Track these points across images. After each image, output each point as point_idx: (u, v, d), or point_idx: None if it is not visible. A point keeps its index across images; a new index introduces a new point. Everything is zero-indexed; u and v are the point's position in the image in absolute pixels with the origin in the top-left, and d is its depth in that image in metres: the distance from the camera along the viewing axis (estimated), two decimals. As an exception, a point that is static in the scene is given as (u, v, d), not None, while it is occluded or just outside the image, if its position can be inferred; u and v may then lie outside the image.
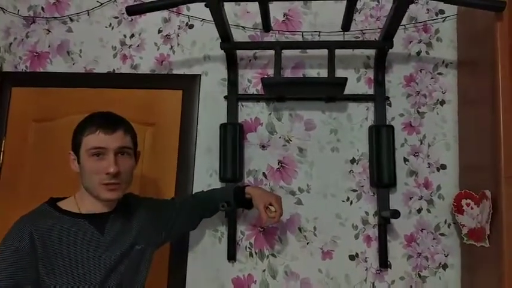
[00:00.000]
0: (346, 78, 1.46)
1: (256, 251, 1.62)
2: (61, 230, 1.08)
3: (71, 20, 1.87)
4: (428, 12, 1.70)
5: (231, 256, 1.60)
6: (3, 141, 1.78)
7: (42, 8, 1.89)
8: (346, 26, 1.46)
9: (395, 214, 1.39)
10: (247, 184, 1.60)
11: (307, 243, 1.61)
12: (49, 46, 1.86)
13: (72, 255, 1.07)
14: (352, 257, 1.58)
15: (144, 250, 1.21)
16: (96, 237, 1.11)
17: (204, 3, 1.34)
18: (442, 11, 1.69)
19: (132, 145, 1.18)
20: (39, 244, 1.03)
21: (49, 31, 1.87)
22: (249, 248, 1.62)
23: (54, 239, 1.06)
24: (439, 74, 1.66)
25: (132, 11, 1.37)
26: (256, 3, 1.63)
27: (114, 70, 1.80)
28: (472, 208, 1.42)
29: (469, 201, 1.43)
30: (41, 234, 1.04)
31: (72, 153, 1.15)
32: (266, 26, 1.49)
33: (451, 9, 1.67)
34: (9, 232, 1.05)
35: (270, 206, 1.35)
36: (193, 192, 1.65)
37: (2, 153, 1.76)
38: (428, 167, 1.61)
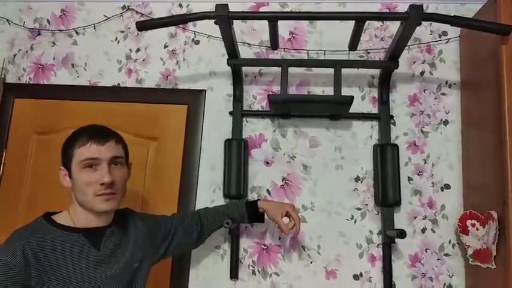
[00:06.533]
0: (352, 97, 1.47)
1: (259, 269, 1.60)
2: (56, 244, 1.05)
3: (77, 33, 1.87)
4: (431, 34, 1.73)
5: (234, 274, 1.57)
6: (4, 152, 1.76)
7: (48, 21, 1.90)
8: (353, 46, 1.48)
9: (402, 234, 1.38)
10: (256, 199, 1.60)
11: (311, 262, 1.59)
12: (54, 58, 1.86)
13: (66, 271, 1.04)
14: (356, 277, 1.57)
15: (140, 267, 1.19)
16: (91, 253, 1.08)
17: (214, 20, 1.35)
18: (445, 33, 1.72)
19: (124, 154, 1.16)
20: (33, 260, 1.00)
21: (54, 43, 1.87)
22: (252, 266, 1.60)
23: (48, 254, 1.03)
24: (443, 94, 1.68)
25: (142, 26, 1.37)
26: (262, 21, 1.66)
27: (119, 84, 1.80)
28: (477, 229, 1.41)
29: (474, 221, 1.43)
30: (34, 249, 1.01)
31: (63, 168, 1.12)
32: (274, 44, 1.50)
33: (454, 32, 1.70)
34: (3, 247, 1.02)
35: (285, 217, 1.37)
36: (195, 208, 1.64)
37: (2, 164, 1.74)
38: (432, 186, 1.61)
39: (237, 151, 1.61)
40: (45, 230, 1.07)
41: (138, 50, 1.83)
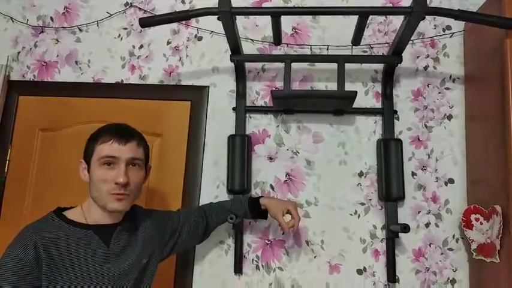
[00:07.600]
0: (356, 92, 1.47)
1: (263, 264, 1.61)
2: (67, 240, 1.07)
3: (80, 30, 1.88)
4: (435, 28, 1.72)
5: (238, 269, 1.58)
6: (9, 149, 1.77)
7: (51, 18, 1.90)
8: (356, 41, 1.47)
9: (406, 229, 1.39)
10: (259, 195, 1.61)
11: (315, 257, 1.60)
12: (57, 56, 1.86)
13: (77, 266, 1.05)
14: (359, 271, 1.57)
15: (148, 263, 1.20)
16: (101, 249, 1.10)
17: (217, 16, 1.35)
18: (449, 27, 1.71)
19: (144, 157, 1.18)
20: (44, 255, 1.01)
21: (58, 41, 1.88)
22: (256, 260, 1.61)
23: (59, 250, 1.04)
24: (447, 88, 1.68)
25: (145, 23, 1.37)
26: (265, 16, 1.66)
27: (122, 80, 1.81)
28: (481, 223, 1.42)
29: (478, 216, 1.43)
30: (45, 244, 1.02)
31: (83, 161, 1.15)
32: (277, 40, 1.50)
33: (458, 26, 1.69)
34: (14, 241, 1.03)
35: (286, 214, 1.38)
36: (199, 204, 1.64)
37: (7, 162, 1.76)
38: (436, 181, 1.61)
39: (241, 147, 1.61)
40: (57, 226, 1.09)
41: (141, 47, 1.83)
